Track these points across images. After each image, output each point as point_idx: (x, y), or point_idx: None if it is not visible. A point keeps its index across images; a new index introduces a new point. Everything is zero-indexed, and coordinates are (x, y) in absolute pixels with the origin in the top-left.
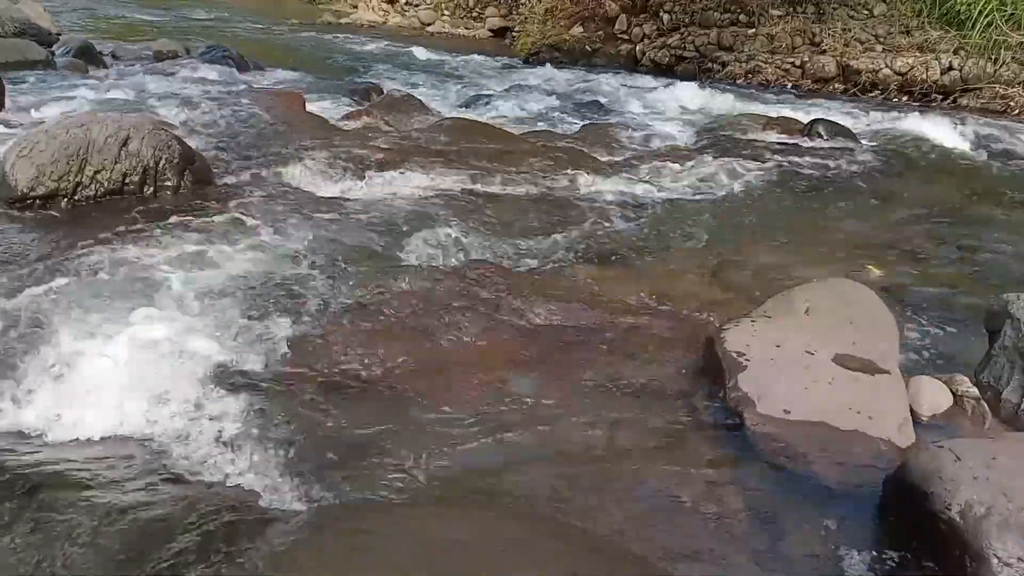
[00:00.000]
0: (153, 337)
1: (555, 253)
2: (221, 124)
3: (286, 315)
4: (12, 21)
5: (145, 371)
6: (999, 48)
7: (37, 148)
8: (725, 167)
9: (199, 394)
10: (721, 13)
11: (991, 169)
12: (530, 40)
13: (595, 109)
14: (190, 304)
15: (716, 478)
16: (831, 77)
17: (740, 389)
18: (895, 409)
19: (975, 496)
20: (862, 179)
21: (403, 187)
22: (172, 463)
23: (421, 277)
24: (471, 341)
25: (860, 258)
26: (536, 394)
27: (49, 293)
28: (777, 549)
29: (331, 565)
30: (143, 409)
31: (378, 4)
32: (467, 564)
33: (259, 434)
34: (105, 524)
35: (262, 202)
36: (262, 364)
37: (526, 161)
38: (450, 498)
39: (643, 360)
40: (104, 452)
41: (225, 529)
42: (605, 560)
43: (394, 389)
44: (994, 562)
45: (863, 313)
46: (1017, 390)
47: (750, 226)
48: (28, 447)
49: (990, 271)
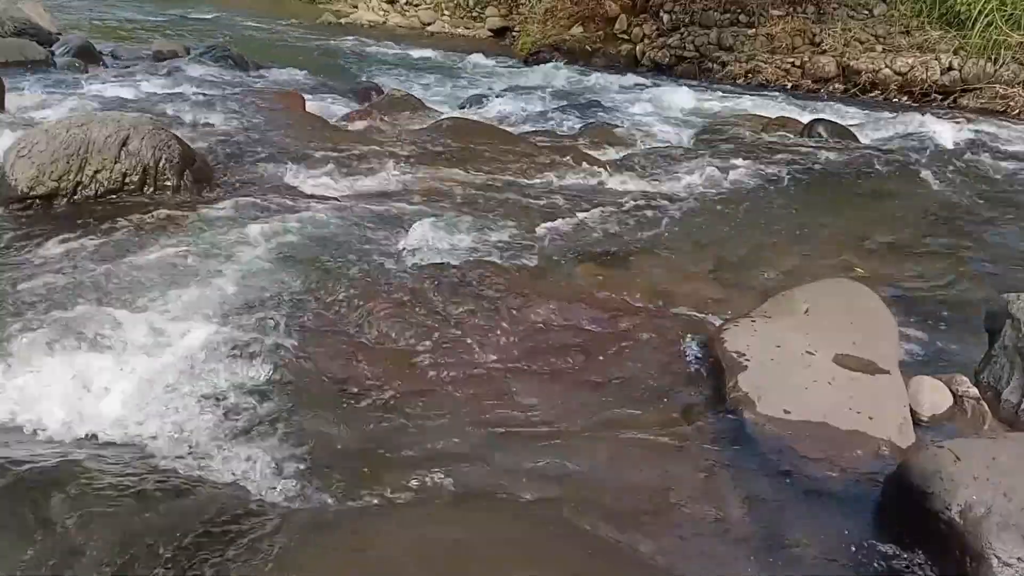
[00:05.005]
0: (152, 337)
1: (555, 253)
2: (221, 124)
3: (285, 315)
4: (12, 20)
5: (143, 371)
6: (999, 48)
7: (37, 148)
8: (725, 167)
9: (199, 394)
10: (721, 13)
11: (991, 169)
12: (530, 40)
13: (595, 109)
14: (190, 304)
15: (716, 478)
16: (831, 77)
17: (740, 389)
18: (895, 409)
19: (975, 496)
20: (862, 179)
21: (403, 187)
22: (172, 463)
23: (421, 277)
24: (470, 341)
25: (860, 257)
26: (535, 394)
27: (49, 293)
28: (777, 549)
29: (331, 565)
30: (143, 409)
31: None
32: (467, 564)
33: (259, 434)
34: (105, 524)
35: (262, 202)
36: (261, 364)
37: (526, 161)
38: (450, 498)
39: (643, 360)
40: (103, 452)
41: (225, 529)
42: (605, 560)
43: (393, 389)
44: (994, 562)
45: (863, 313)
46: (1017, 390)
47: (750, 226)
48: (28, 447)
49: (990, 271)
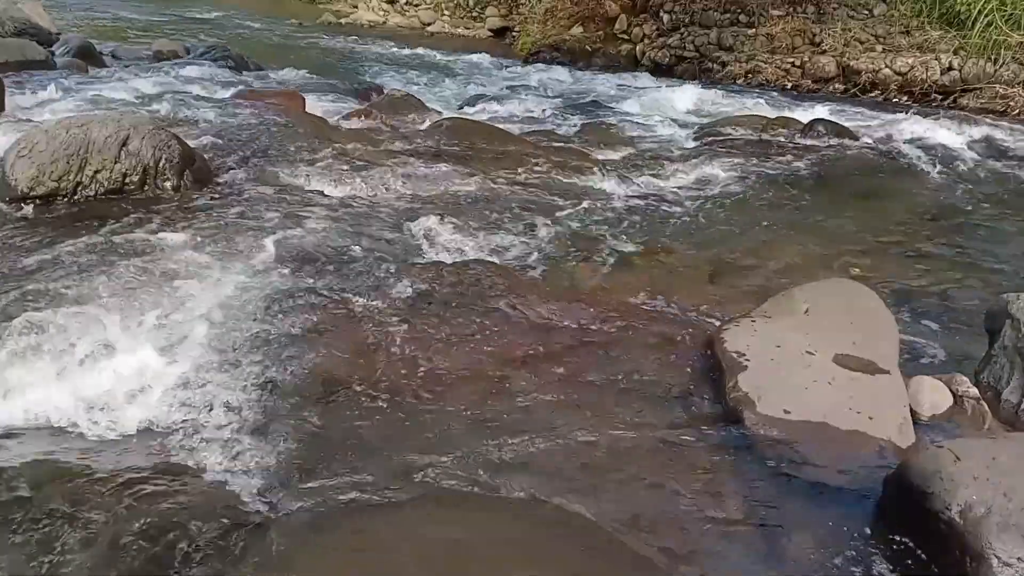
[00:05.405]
0: (153, 337)
1: (555, 253)
2: (221, 124)
3: (285, 315)
4: (12, 21)
5: (143, 371)
6: (999, 48)
7: (37, 148)
8: (725, 167)
9: (199, 394)
10: (721, 13)
11: (991, 169)
12: (530, 40)
13: (595, 109)
14: (190, 304)
15: (716, 478)
16: (831, 77)
17: (740, 389)
18: (895, 409)
19: (975, 496)
20: (862, 179)
21: (402, 187)
22: (172, 463)
23: (420, 277)
24: (470, 341)
25: (860, 257)
26: (535, 394)
27: (49, 292)
28: (777, 549)
29: (331, 565)
30: (143, 409)
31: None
32: (467, 564)
33: (259, 434)
34: (105, 524)
35: (262, 202)
36: (261, 364)
37: (526, 161)
38: (450, 498)
39: (643, 360)
40: (103, 452)
41: (226, 529)
42: (605, 560)
43: (393, 388)
44: (994, 562)
45: (863, 313)
46: (1017, 390)
47: (750, 226)
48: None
49: (990, 271)
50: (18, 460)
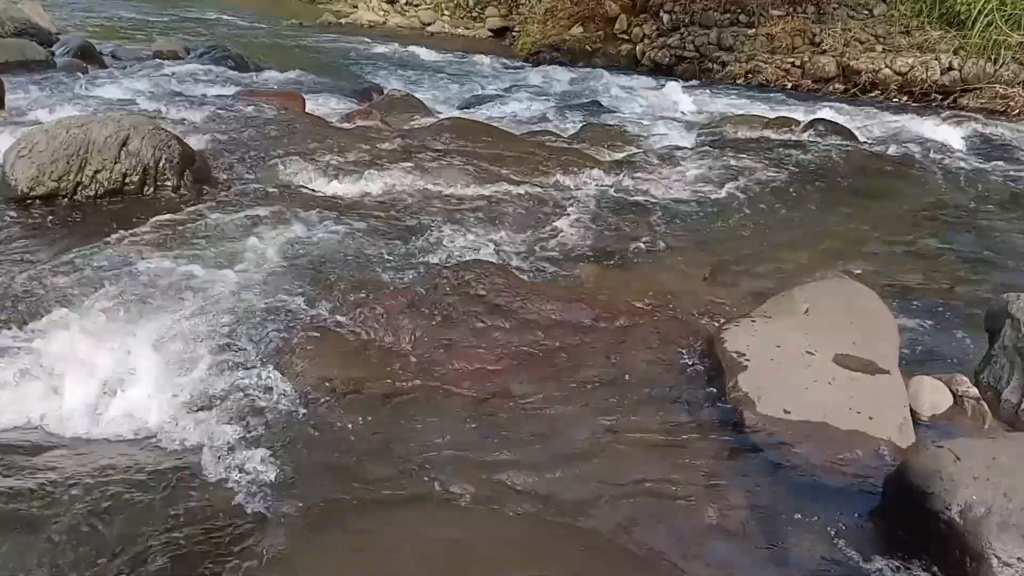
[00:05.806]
0: (153, 338)
1: (555, 253)
2: (221, 124)
3: (285, 315)
4: (12, 21)
5: (144, 372)
6: (999, 48)
7: (37, 148)
8: (724, 167)
9: (199, 394)
10: (721, 13)
11: (991, 169)
12: (530, 40)
13: (595, 109)
14: (190, 303)
15: (716, 478)
16: (831, 77)
17: (740, 389)
18: (895, 409)
19: (975, 496)
20: (862, 179)
21: (402, 187)
22: (172, 464)
23: (421, 277)
24: (470, 340)
25: (860, 258)
26: (536, 394)
27: (49, 292)
28: (777, 549)
29: (331, 565)
30: (143, 409)
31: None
32: (467, 564)
33: (259, 435)
34: (105, 524)
35: (262, 202)
36: (261, 364)
37: (526, 161)
38: (450, 498)
39: (643, 360)
40: (103, 452)
41: (225, 529)
42: (605, 560)
43: (393, 389)
44: (994, 562)
45: (863, 313)
46: (1017, 390)
47: (750, 226)
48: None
49: (990, 271)
50: (7, 461)
